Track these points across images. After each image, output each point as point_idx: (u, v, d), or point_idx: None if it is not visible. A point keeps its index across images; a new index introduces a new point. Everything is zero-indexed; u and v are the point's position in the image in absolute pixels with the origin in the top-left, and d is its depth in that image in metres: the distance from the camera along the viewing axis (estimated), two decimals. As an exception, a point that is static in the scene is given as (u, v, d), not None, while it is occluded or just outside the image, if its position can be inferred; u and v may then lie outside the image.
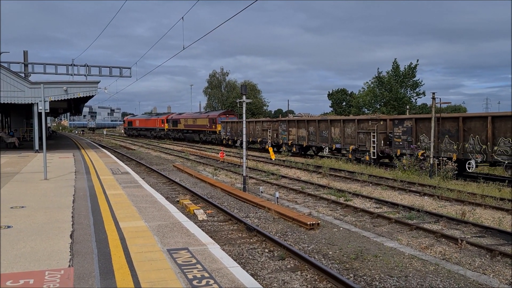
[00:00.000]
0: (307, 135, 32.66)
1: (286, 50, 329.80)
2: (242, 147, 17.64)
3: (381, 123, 25.32)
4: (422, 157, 21.63)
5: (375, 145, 25.22)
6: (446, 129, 21.04)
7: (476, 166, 19.67)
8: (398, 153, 23.46)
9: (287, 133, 35.43)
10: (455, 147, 20.52)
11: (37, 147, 26.94)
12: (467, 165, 19.77)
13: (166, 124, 65.41)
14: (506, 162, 18.15)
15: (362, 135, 26.48)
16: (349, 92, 79.71)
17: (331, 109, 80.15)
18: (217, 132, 49.64)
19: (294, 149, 34.33)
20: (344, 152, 28.72)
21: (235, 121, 45.14)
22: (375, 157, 25.41)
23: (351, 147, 27.36)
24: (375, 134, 25.25)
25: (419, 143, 22.35)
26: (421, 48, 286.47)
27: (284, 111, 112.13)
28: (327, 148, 30.34)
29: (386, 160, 26.27)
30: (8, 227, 8.05)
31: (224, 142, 46.73)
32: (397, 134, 23.83)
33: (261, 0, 14.14)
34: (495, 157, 18.56)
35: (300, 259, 8.38)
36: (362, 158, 26.37)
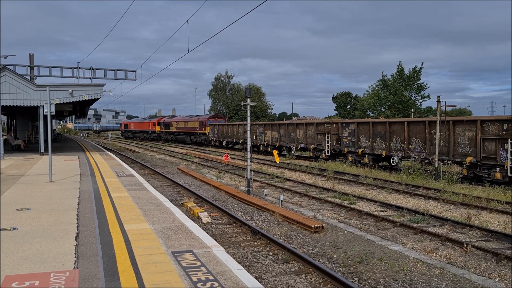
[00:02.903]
0: (278, 136, 37.21)
1: (292, 53, 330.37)
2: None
3: (334, 126, 29.94)
4: (361, 154, 26.49)
5: (329, 144, 29.97)
6: (378, 131, 25.66)
7: (398, 161, 23.98)
8: (345, 151, 28.18)
9: (264, 135, 39.33)
10: (384, 145, 24.98)
11: (42, 150, 27.07)
12: (391, 160, 24.18)
13: (157, 127, 70.46)
14: (417, 157, 22.39)
15: (320, 136, 31.36)
16: (354, 95, 79.69)
17: (336, 112, 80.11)
18: (207, 134, 53.29)
19: (269, 149, 37.96)
20: (308, 150, 32.98)
21: (221, 124, 49.74)
22: (329, 155, 29.97)
23: (312, 146, 32.07)
24: (329, 135, 29.99)
25: (359, 142, 27.03)
26: (428, 51, 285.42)
27: (288, 114, 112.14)
28: (294, 147, 34.48)
29: (341, 158, 29.90)
30: (14, 229, 8.08)
31: (212, 143, 51.09)
32: (345, 135, 28.47)
33: (268, 0, 14.07)
34: (410, 153, 23.13)
35: (305, 262, 8.37)
36: (320, 156, 30.82)
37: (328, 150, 29.93)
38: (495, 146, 18.65)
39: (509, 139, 17.92)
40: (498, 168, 18.33)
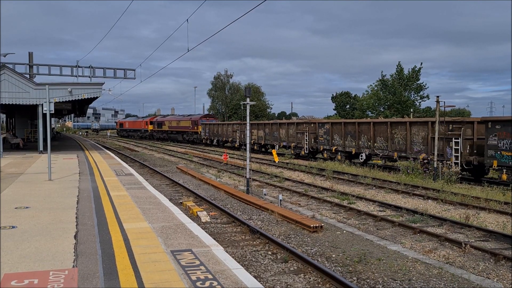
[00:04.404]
0: (264, 135, 39.72)
1: (292, 53, 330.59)
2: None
3: (312, 125, 32.42)
4: (335, 151, 29.13)
5: (307, 142, 32.35)
6: (348, 130, 28.11)
7: (366, 158, 26.56)
8: (321, 149, 30.85)
9: (251, 133, 40.44)
10: (354, 143, 27.52)
11: (41, 148, 27.04)
12: (360, 157, 26.82)
13: (150, 126, 73.15)
14: (381, 154, 25.15)
15: (299, 135, 33.63)
16: (353, 95, 79.74)
17: (335, 112, 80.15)
18: (199, 132, 55.28)
19: (255, 147, 40.24)
20: (289, 148, 35.17)
21: (212, 123, 52.23)
22: (308, 152, 32.28)
23: (292, 144, 34.30)
24: (307, 134, 32.33)
25: (333, 141, 29.60)
26: (428, 51, 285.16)
27: (288, 113, 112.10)
28: (277, 145, 36.67)
29: (319, 155, 32.15)
30: (13, 227, 8.08)
31: (203, 141, 53.24)
32: (321, 134, 31.03)
33: (268, 0, 14.13)
34: (375, 151, 25.60)
35: (303, 261, 8.37)
36: (300, 153, 33.18)
37: (306, 148, 32.44)
38: (443, 145, 20.69)
39: (453, 138, 19.96)
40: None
